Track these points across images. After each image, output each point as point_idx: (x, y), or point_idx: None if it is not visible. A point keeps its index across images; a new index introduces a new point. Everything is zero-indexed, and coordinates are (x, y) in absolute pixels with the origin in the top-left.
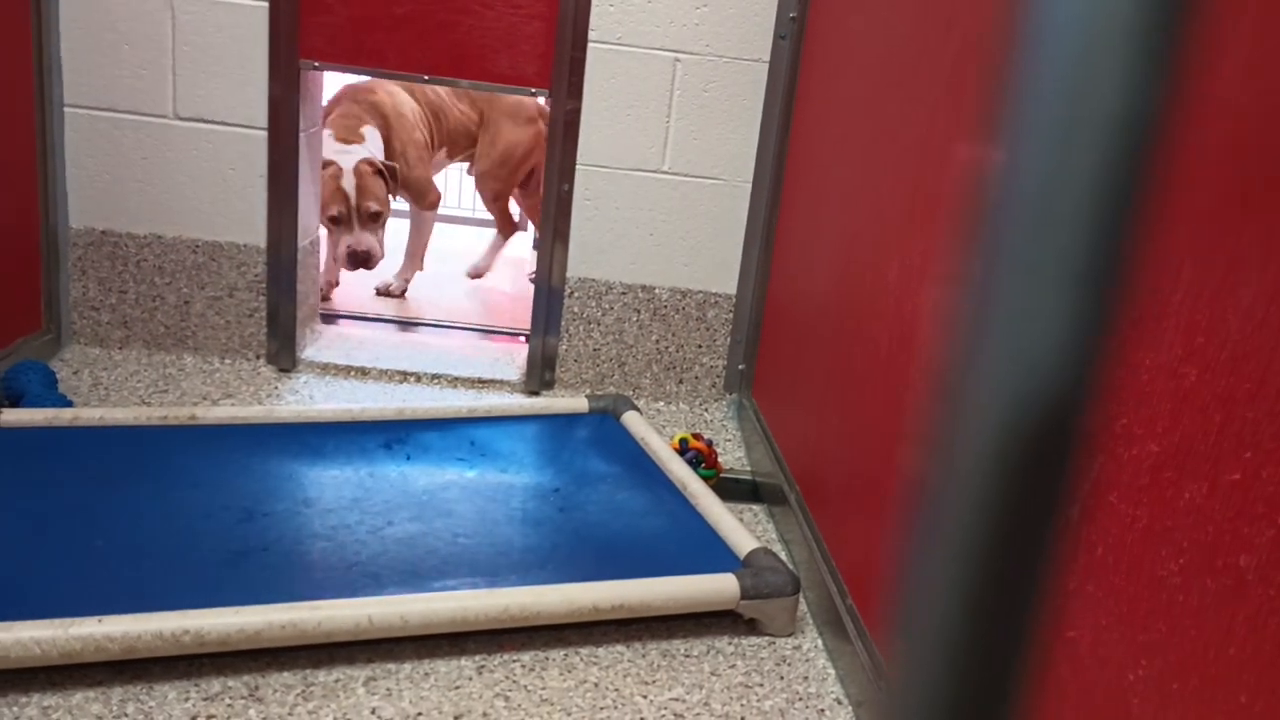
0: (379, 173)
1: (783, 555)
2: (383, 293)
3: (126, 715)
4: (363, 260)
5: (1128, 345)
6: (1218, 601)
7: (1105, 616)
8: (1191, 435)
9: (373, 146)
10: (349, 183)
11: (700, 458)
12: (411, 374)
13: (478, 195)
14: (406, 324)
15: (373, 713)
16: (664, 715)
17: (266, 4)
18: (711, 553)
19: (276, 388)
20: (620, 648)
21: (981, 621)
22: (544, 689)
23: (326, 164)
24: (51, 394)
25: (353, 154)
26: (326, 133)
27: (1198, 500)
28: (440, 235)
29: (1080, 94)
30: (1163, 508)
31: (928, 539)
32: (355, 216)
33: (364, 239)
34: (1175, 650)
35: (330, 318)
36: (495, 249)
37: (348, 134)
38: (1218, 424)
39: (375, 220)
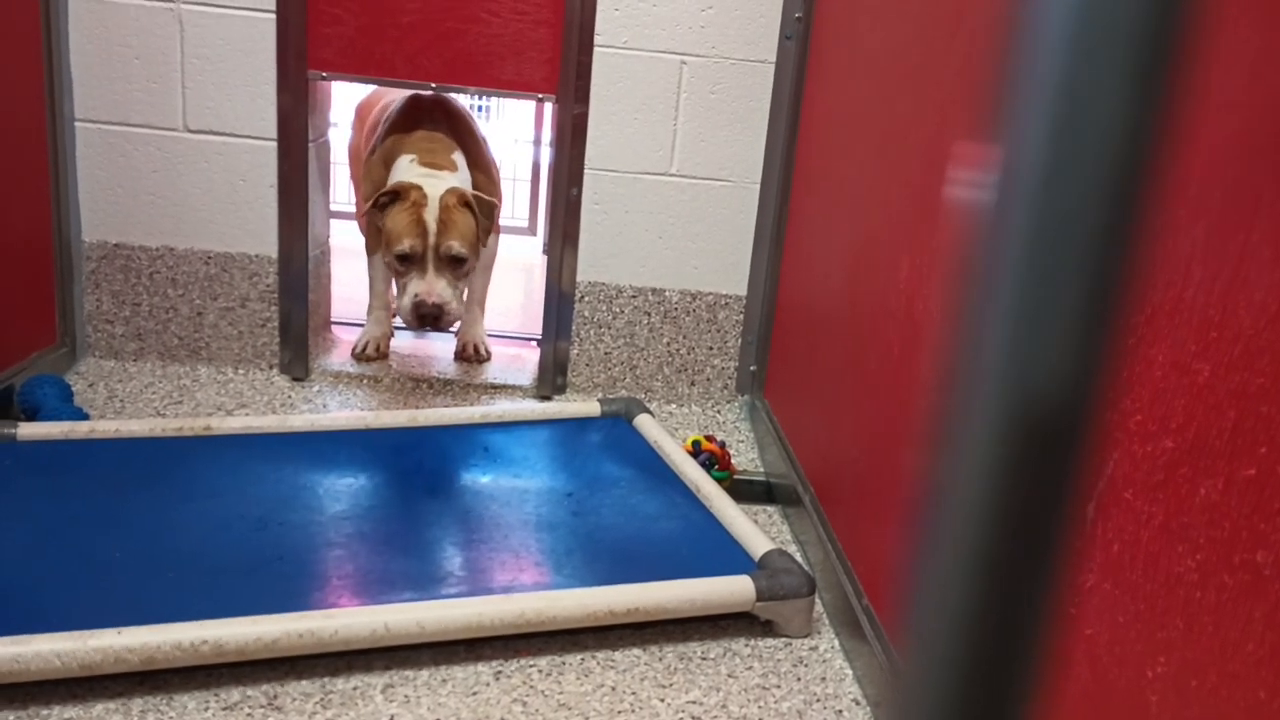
0: (469, 207)
1: (798, 556)
2: (461, 357)
3: None
4: (433, 318)
5: (1141, 341)
6: (1235, 598)
7: (1122, 614)
8: (1206, 431)
9: (464, 178)
10: (431, 214)
11: (713, 460)
12: (424, 380)
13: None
14: (418, 331)
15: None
16: (681, 718)
17: (274, 16)
18: (726, 555)
19: (290, 397)
20: (636, 651)
21: (990, 620)
22: (561, 694)
23: (403, 191)
24: (67, 407)
25: (441, 180)
26: (408, 158)
27: (1213, 496)
28: None
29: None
30: (1178, 504)
31: (935, 539)
32: (432, 258)
33: (438, 289)
34: (1193, 647)
35: (342, 325)
36: None
37: (436, 158)
38: (1232, 420)
39: (457, 267)
